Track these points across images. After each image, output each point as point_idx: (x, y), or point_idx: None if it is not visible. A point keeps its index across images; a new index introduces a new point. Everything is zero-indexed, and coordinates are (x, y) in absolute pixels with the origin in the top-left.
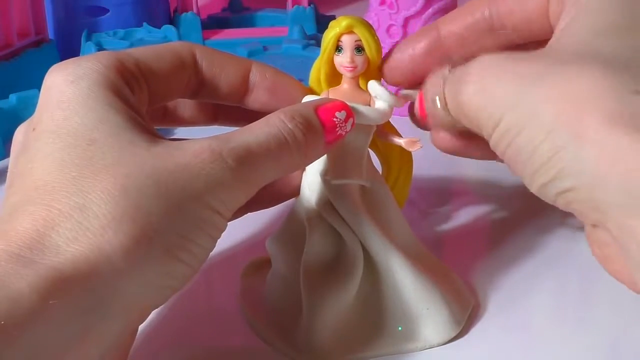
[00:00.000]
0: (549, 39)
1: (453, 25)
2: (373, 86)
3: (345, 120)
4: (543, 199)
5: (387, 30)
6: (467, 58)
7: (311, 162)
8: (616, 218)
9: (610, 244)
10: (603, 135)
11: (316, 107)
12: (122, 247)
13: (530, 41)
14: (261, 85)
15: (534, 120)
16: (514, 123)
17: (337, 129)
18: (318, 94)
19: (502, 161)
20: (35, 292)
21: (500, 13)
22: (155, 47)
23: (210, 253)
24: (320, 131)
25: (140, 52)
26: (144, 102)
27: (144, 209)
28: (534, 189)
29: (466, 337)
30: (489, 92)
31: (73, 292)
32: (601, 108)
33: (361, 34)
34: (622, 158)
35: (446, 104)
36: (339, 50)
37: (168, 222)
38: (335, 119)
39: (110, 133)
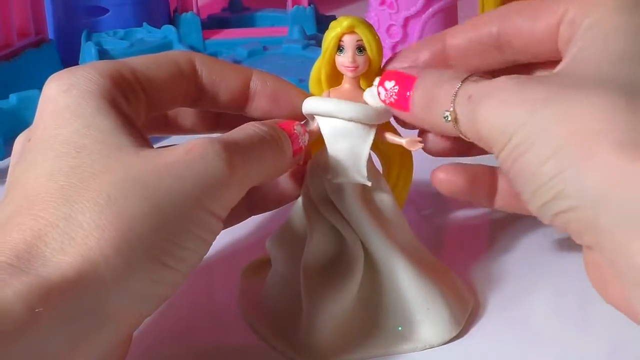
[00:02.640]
0: (554, 61)
1: (459, 38)
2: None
3: (303, 133)
4: (541, 220)
5: (387, 30)
6: (479, 74)
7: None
8: (614, 240)
9: (606, 266)
10: (608, 159)
11: (276, 122)
12: (104, 256)
13: (535, 61)
14: (262, 93)
15: (543, 138)
16: (524, 140)
17: (299, 140)
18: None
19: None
20: (21, 301)
21: (508, 32)
22: (154, 56)
23: (211, 253)
24: (287, 137)
25: (138, 61)
26: (141, 111)
27: (127, 215)
28: (533, 207)
29: (466, 337)
30: (505, 112)
31: (59, 301)
32: (610, 133)
33: (363, 33)
34: (625, 182)
35: (456, 119)
36: (341, 50)
37: (152, 226)
38: (295, 129)
39: (98, 139)
